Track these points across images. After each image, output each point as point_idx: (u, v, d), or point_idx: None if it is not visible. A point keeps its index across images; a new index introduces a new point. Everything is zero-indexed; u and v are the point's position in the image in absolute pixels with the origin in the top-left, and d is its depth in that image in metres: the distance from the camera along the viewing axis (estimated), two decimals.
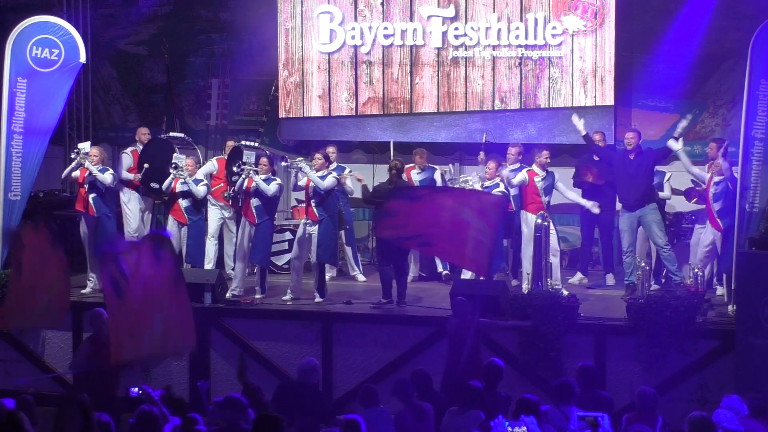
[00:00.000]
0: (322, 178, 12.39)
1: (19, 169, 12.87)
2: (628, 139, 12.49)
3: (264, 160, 12.65)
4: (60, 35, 13.01)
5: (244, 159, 12.68)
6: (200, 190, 12.86)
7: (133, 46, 15.99)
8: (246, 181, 12.50)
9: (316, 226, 12.38)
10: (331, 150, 13.90)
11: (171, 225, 12.91)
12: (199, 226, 13.03)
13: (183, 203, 12.84)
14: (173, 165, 12.83)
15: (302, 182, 12.55)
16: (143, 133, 14.40)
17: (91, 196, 12.86)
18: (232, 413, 7.75)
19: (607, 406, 8.75)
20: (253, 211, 12.52)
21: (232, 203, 13.61)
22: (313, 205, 12.40)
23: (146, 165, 13.70)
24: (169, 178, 12.84)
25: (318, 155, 12.72)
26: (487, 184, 12.57)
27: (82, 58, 13.11)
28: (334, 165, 13.80)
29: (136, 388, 8.36)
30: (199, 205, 12.97)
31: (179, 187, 12.83)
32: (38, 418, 7.50)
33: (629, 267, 12.37)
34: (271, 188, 12.49)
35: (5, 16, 15.17)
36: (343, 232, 13.80)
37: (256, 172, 12.51)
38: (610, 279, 13.30)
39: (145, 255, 8.35)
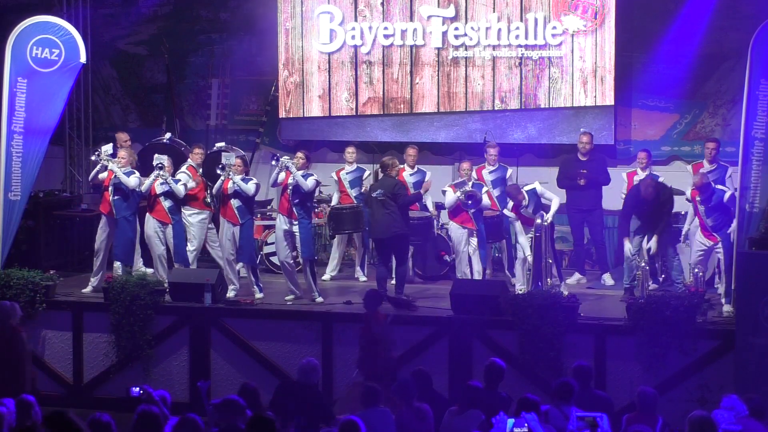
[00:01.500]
0: (305, 177, 12.42)
1: (19, 169, 12.82)
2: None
3: (238, 161, 12.72)
4: (60, 35, 12.98)
5: (224, 161, 12.71)
6: (180, 189, 12.87)
7: (133, 46, 15.99)
8: (223, 183, 12.52)
9: (297, 225, 12.43)
10: (350, 150, 13.87)
11: (152, 226, 12.86)
12: (182, 224, 13.03)
13: (165, 203, 12.83)
14: (159, 165, 12.80)
15: (281, 177, 12.48)
16: (123, 140, 14.25)
17: (114, 198, 12.84)
18: (230, 415, 7.75)
19: (605, 406, 8.74)
20: (235, 211, 12.54)
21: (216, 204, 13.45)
22: (292, 203, 12.42)
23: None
24: (150, 179, 12.81)
25: (299, 154, 12.71)
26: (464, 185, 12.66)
27: (82, 58, 13.09)
28: (354, 167, 13.80)
29: (137, 388, 8.35)
30: (181, 204, 12.98)
31: (159, 188, 12.81)
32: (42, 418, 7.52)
33: (632, 271, 12.19)
34: (251, 188, 12.57)
35: (5, 16, 15.13)
36: (356, 235, 13.74)
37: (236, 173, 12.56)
38: (608, 279, 13.29)
39: None
